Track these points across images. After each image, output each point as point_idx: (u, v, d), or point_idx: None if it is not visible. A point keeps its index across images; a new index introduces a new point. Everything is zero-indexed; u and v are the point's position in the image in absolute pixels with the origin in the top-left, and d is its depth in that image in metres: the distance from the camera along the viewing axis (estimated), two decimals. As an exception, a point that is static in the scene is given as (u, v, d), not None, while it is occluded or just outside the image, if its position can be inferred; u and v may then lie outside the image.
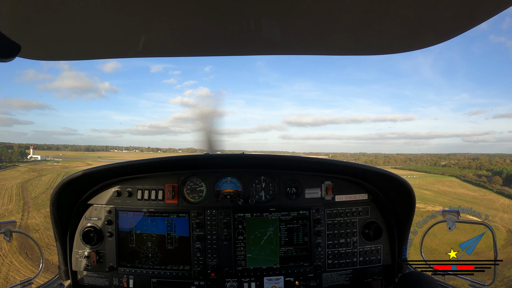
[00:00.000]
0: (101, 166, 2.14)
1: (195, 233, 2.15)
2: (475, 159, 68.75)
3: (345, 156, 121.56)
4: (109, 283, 2.20)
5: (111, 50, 1.63)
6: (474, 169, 62.48)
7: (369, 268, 2.25)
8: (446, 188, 51.94)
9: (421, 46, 1.52)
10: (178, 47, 1.63)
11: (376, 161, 79.04)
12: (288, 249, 2.18)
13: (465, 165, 67.20)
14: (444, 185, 53.37)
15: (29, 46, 1.50)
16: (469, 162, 67.55)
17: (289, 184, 2.23)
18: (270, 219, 2.18)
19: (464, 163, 68.68)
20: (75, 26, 1.30)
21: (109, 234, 2.18)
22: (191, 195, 2.23)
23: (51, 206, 2.04)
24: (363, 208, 2.27)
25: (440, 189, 50.71)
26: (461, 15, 1.20)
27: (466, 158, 71.86)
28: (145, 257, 2.17)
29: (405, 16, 1.23)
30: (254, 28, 1.35)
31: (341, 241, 2.22)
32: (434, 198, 42.20)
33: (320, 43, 1.58)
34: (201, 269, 2.13)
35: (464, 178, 56.41)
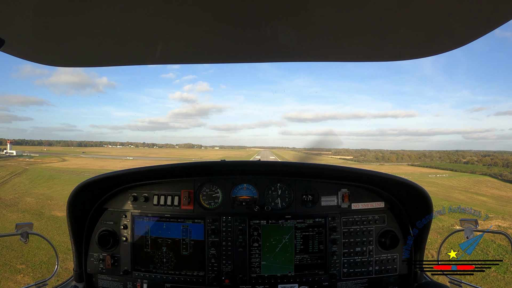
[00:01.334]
0: (118, 171, 2.16)
1: (210, 239, 2.15)
2: (486, 155, 66.55)
3: (349, 152, 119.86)
4: (123, 286, 2.21)
5: (128, 57, 1.64)
6: (501, 166, 59.35)
7: (385, 277, 2.22)
8: (498, 191, 40.17)
9: (436, 53, 1.49)
10: (195, 54, 1.63)
11: (389, 157, 76.87)
12: (303, 257, 2.16)
13: (487, 162, 63.48)
14: (493, 187, 42.71)
15: (49, 53, 1.52)
16: (480, 159, 65.33)
17: (305, 192, 2.22)
18: (286, 226, 2.16)
19: (487, 160, 65.30)
20: (94, 34, 1.30)
21: (125, 238, 2.19)
22: (207, 201, 2.22)
23: (68, 209, 2.06)
24: (379, 217, 2.24)
25: (496, 194, 37.49)
26: (477, 21, 1.17)
27: (476, 154, 69.70)
28: (159, 262, 2.17)
29: (420, 23, 1.21)
30: (270, 36, 1.35)
31: (357, 250, 2.19)
32: (500, 208, 25.91)
33: (334, 51, 1.57)
34: (215, 275, 2.12)
35: (503, 178, 50.36)
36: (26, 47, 1.43)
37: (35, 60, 1.60)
